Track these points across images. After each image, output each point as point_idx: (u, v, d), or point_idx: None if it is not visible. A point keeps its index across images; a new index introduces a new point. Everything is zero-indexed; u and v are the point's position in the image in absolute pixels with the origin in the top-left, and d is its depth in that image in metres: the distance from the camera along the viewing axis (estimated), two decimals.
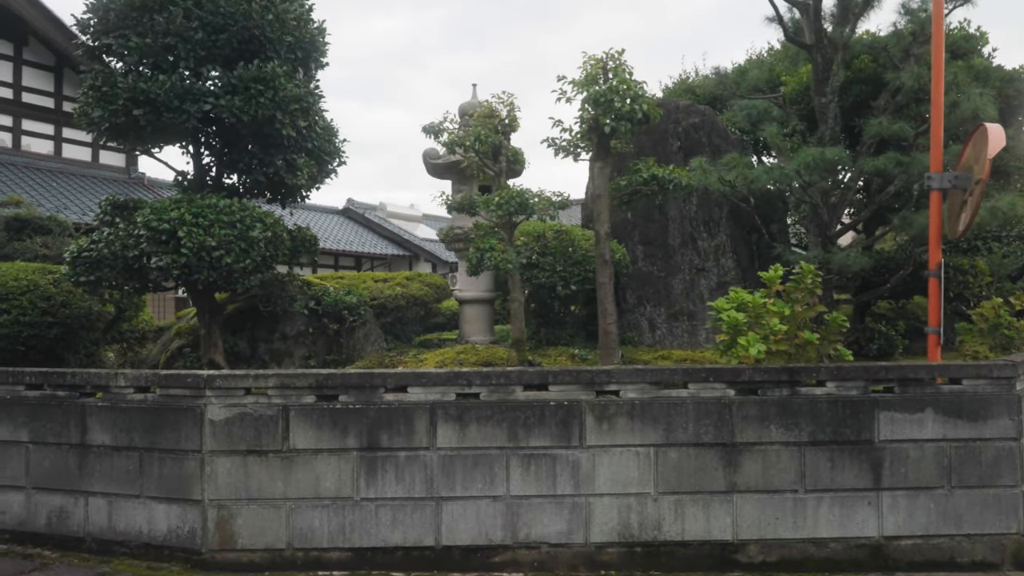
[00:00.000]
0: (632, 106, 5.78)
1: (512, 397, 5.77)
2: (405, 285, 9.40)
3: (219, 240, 6.70)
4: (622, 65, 6.00)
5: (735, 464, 5.77)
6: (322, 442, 5.72)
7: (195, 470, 5.71)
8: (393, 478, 5.72)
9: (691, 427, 5.76)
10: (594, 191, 6.20)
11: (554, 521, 5.74)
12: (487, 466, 5.73)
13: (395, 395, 5.77)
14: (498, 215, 6.14)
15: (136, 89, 6.73)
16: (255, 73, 6.96)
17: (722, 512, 5.77)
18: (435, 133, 7.16)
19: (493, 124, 6.25)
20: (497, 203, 6.11)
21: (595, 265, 7.70)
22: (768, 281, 6.15)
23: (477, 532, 5.73)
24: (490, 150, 6.36)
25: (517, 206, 6.05)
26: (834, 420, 5.78)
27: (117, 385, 5.95)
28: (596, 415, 5.75)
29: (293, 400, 5.74)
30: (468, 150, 6.41)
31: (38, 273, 8.16)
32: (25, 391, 6.22)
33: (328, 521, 5.71)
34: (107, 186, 18.76)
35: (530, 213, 6.10)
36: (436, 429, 5.72)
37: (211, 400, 5.72)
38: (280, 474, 5.71)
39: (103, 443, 5.95)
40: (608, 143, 6.08)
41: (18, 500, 6.18)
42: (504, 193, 6.15)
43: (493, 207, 6.14)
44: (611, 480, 5.74)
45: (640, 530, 5.75)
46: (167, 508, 5.79)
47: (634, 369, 5.84)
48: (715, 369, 5.83)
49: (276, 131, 7.22)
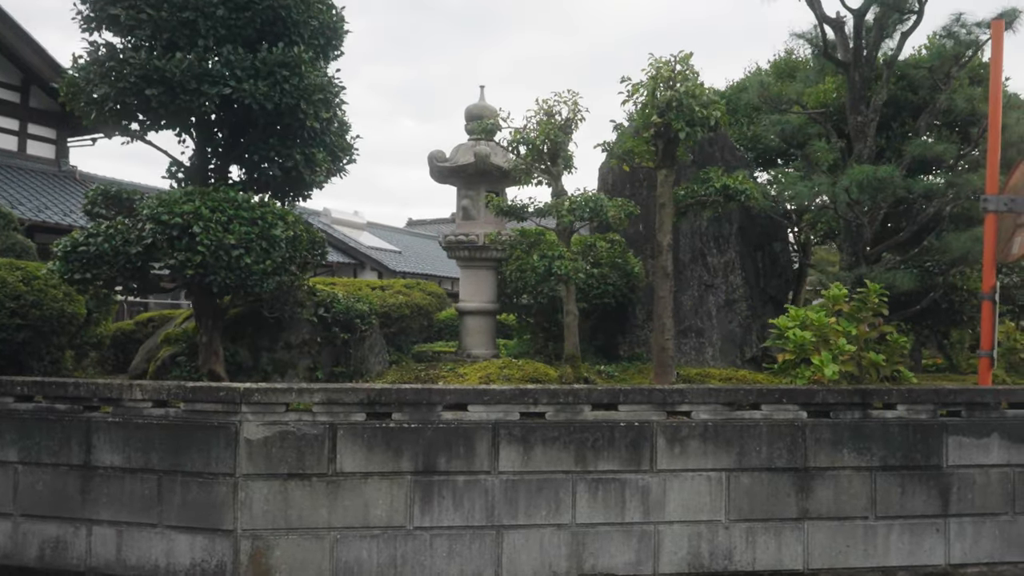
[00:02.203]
0: (708, 112, 5.50)
1: (580, 417, 5.36)
2: (407, 294, 8.83)
3: (239, 238, 6.03)
4: (691, 69, 5.72)
5: (807, 490, 5.53)
6: (373, 465, 5.16)
7: (227, 496, 5.05)
8: (451, 505, 5.21)
9: (764, 451, 5.48)
10: (658, 199, 5.87)
11: (621, 551, 5.35)
12: (552, 492, 5.30)
13: (454, 413, 5.27)
14: (567, 221, 5.73)
15: (149, 66, 6.00)
16: (280, 57, 6.33)
17: (793, 540, 5.51)
18: (487, 133, 6.69)
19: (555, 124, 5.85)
20: (568, 207, 5.70)
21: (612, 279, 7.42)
22: (832, 300, 5.96)
23: (540, 564, 5.28)
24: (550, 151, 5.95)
25: (591, 211, 5.66)
26: (904, 444, 5.62)
27: (132, 398, 5.23)
28: (667, 437, 5.40)
29: (341, 418, 5.16)
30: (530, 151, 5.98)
31: (5, 268, 7.22)
32: (14, 403, 5.41)
33: (377, 553, 5.15)
34: (35, 178, 17.37)
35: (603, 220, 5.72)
36: (498, 451, 5.25)
37: (247, 417, 5.08)
38: (325, 501, 5.12)
39: (112, 464, 5.21)
40: (674, 150, 5.78)
41: (3, 529, 5.34)
42: (578, 197, 5.76)
43: (564, 212, 5.73)
44: (682, 507, 5.40)
45: (711, 560, 5.42)
46: (191, 539, 5.10)
47: (707, 389, 5.52)
48: (789, 390, 5.58)
49: (299, 121, 6.60)
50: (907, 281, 6.46)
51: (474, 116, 9.19)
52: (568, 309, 5.97)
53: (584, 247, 6.95)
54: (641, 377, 7.59)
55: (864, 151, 7.02)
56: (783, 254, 10.05)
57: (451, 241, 9.03)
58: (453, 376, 6.52)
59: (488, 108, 9.21)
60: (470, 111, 9.22)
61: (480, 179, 8.94)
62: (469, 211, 9.02)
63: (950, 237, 6.91)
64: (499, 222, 9.22)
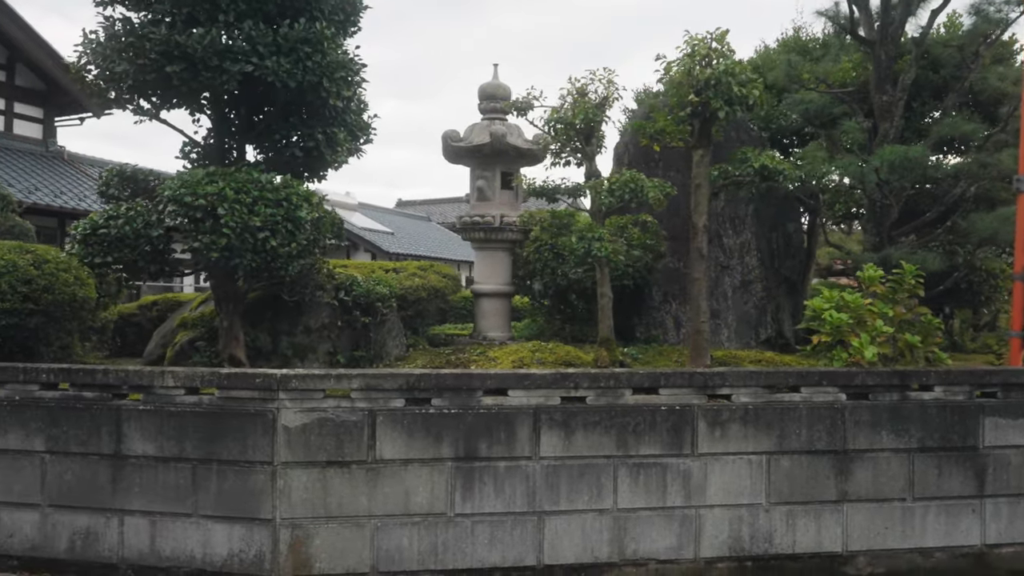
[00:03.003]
0: (748, 90, 5.40)
1: (621, 401, 5.29)
2: (422, 276, 8.70)
3: (264, 220, 5.88)
4: (727, 46, 5.61)
5: (846, 472, 5.50)
6: (413, 451, 5.06)
7: (265, 484, 4.94)
8: (492, 491, 5.13)
9: (804, 433, 5.44)
10: (694, 180, 5.78)
11: (663, 535, 5.30)
12: (594, 477, 5.23)
13: (494, 398, 5.18)
14: (607, 201, 5.62)
15: (170, 42, 5.81)
16: (303, 33, 6.15)
17: (832, 522, 5.49)
18: (522, 110, 6.55)
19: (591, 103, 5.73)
20: (609, 188, 5.59)
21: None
22: (867, 281, 5.91)
23: (582, 549, 5.22)
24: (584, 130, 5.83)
25: (631, 192, 5.55)
26: (942, 426, 5.60)
27: (164, 385, 5.08)
28: (708, 421, 5.35)
29: (380, 404, 5.05)
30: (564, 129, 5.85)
31: (15, 252, 7.00)
32: (40, 391, 5.25)
33: (418, 540, 5.07)
34: (23, 159, 16.96)
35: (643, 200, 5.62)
36: (539, 436, 5.17)
37: (285, 404, 4.96)
38: (365, 488, 5.02)
39: (144, 453, 5.08)
40: (710, 130, 5.68)
41: (30, 520, 5.20)
42: (617, 177, 5.64)
43: (604, 192, 5.61)
44: (723, 490, 5.36)
45: (751, 543, 5.39)
46: (228, 528, 4.99)
47: (748, 371, 5.47)
48: (829, 372, 5.54)
49: (321, 100, 6.45)
50: (936, 262, 6.42)
51: (488, 95, 9.04)
52: (602, 291, 5.89)
53: (616, 228, 6.86)
54: (665, 359, 7.55)
55: (891, 131, 6.95)
56: (796, 235, 10.02)
57: (466, 222, 8.91)
58: (484, 360, 6.44)
59: (502, 86, 9.06)
60: (484, 90, 9.06)
61: (496, 159, 8.81)
62: (484, 192, 8.89)
63: (976, 218, 6.88)
64: (514, 203, 9.11)
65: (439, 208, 33.96)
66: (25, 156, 17.13)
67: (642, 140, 6.08)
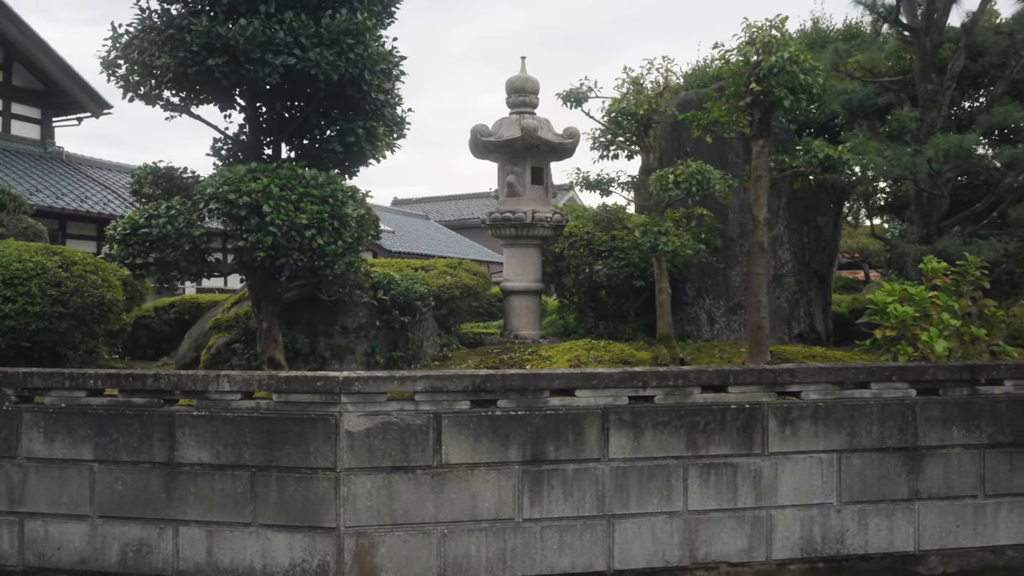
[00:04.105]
0: (813, 78, 5.26)
1: (689, 400, 5.14)
2: (453, 274, 8.51)
3: (310, 217, 5.69)
4: (787, 34, 5.47)
5: (917, 469, 5.37)
6: (479, 455, 4.89)
7: (328, 491, 4.75)
8: (560, 495, 4.97)
9: (874, 430, 5.31)
10: (753, 172, 5.63)
11: (734, 537, 5.15)
12: (663, 478, 5.08)
13: (561, 399, 5.01)
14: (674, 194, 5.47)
15: (212, 34, 5.59)
16: (345, 24, 5.94)
17: (904, 521, 5.36)
18: (577, 100, 6.36)
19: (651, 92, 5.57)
20: (675, 180, 5.43)
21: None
22: (931, 273, 5.79)
23: (652, 553, 5.07)
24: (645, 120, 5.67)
25: (698, 184, 5.40)
26: (1013, 420, 5.48)
27: (219, 390, 4.88)
28: (779, 419, 5.20)
29: (445, 406, 4.87)
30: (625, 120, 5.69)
31: (42, 254, 6.79)
32: (87, 397, 5.03)
33: (486, 547, 4.90)
34: (21, 160, 16.66)
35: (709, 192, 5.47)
36: (608, 437, 5.01)
37: (347, 407, 4.77)
38: (431, 494, 4.84)
39: (199, 460, 4.87)
40: (770, 119, 5.53)
41: (79, 532, 4.99)
42: (683, 169, 5.49)
43: (670, 184, 5.46)
44: (794, 490, 5.22)
45: (823, 544, 5.25)
46: (289, 538, 4.80)
47: (817, 368, 5.33)
48: (899, 367, 5.41)
49: (362, 93, 6.24)
50: (991, 253, 6.31)
51: (516, 88, 8.87)
52: (661, 287, 5.74)
53: (672, 222, 6.71)
54: (707, 356, 7.40)
55: (938, 120, 6.83)
56: (826, 228, 9.91)
57: (496, 219, 8.72)
58: (536, 359, 6.27)
59: (531, 80, 8.89)
60: (512, 83, 8.89)
61: (526, 154, 8.64)
62: (515, 187, 8.71)
63: None
64: (544, 199, 8.94)
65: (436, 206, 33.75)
66: (23, 157, 16.82)
67: (695, 132, 5.92)
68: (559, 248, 8.31)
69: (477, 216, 33.72)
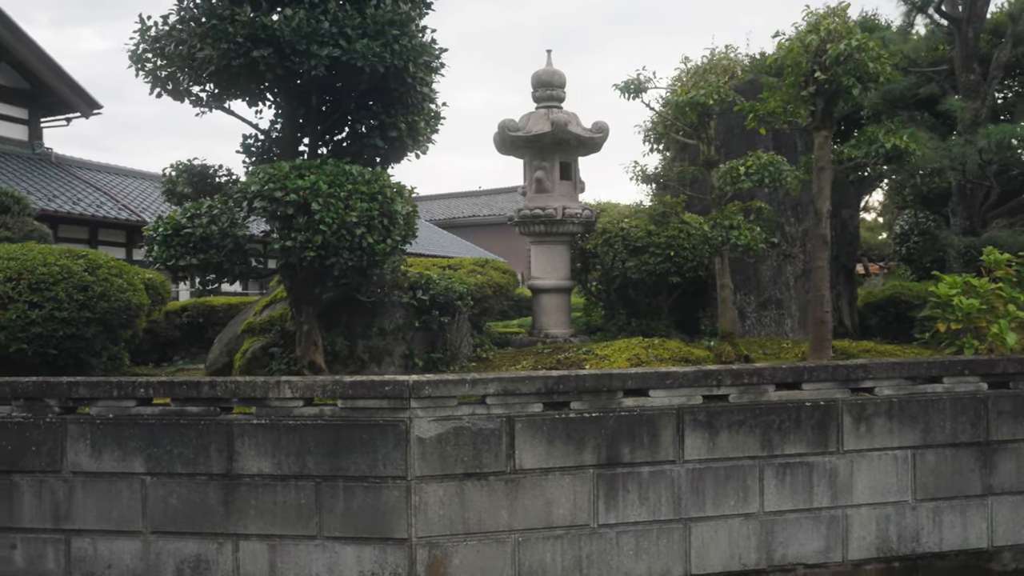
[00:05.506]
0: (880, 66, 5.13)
1: (764, 398, 4.99)
2: (483, 272, 8.31)
3: (360, 215, 5.46)
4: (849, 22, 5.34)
5: (990, 464, 5.28)
6: (553, 460, 4.70)
7: (398, 501, 4.54)
8: (636, 499, 4.80)
9: (947, 425, 5.20)
10: (816, 163, 5.49)
11: (811, 538, 5.02)
12: (739, 479, 4.93)
13: (634, 400, 4.84)
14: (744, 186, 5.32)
15: (256, 25, 5.34)
16: (390, 14, 5.71)
17: (978, 517, 5.27)
18: (635, 91, 6.17)
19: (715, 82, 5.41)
20: (745, 171, 5.28)
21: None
22: (993, 265, 5.69)
23: (729, 556, 4.92)
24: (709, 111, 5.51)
25: (770, 176, 5.25)
26: None
27: (280, 396, 4.65)
28: (853, 416, 5.08)
29: (517, 409, 4.68)
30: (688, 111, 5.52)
31: (67, 257, 6.50)
32: (137, 407, 4.78)
33: (561, 555, 4.71)
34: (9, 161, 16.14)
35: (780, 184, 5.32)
36: (683, 438, 4.85)
37: (417, 413, 4.57)
38: (504, 501, 4.65)
39: (260, 471, 4.64)
40: (832, 109, 5.40)
41: (131, 549, 4.73)
42: (753, 161, 5.34)
43: (741, 176, 5.30)
44: (869, 488, 5.09)
45: (899, 543, 5.14)
46: (358, 550, 4.58)
47: (890, 363, 5.21)
48: (970, 361, 5.30)
49: (406, 86, 6.02)
50: None
51: (543, 82, 8.69)
52: (723, 283, 5.59)
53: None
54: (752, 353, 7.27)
55: (981, 110, 6.75)
56: (851, 221, 9.84)
57: (525, 215, 8.53)
58: (593, 358, 6.08)
59: (558, 73, 8.73)
60: (538, 77, 8.71)
61: (555, 149, 8.46)
62: (544, 183, 8.52)
63: None
64: (573, 194, 8.76)
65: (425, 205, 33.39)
66: (11, 159, 16.31)
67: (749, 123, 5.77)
68: (591, 244, 8.14)
69: (466, 214, 33.54)
